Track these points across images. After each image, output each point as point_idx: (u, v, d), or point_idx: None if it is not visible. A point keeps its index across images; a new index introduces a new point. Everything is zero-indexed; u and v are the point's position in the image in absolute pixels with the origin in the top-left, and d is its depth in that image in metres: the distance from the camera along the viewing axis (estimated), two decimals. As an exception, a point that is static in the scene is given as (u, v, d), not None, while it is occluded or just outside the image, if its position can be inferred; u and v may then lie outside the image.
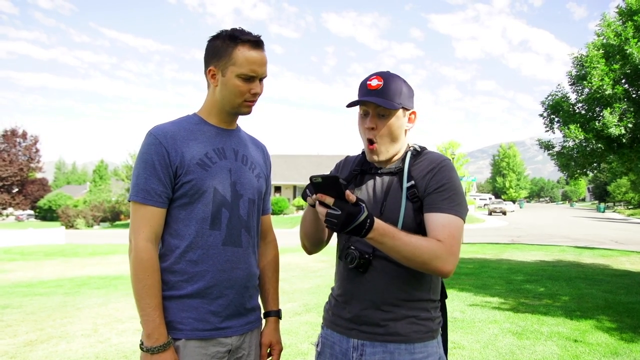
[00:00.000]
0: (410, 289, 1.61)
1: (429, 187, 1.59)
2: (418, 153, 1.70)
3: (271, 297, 1.98)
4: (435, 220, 1.54)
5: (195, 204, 1.67)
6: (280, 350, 1.93)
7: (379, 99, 1.61)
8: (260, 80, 1.73)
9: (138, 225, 1.64)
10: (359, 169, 1.76)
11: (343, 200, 1.37)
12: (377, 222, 1.42)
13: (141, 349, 1.61)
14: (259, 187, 1.85)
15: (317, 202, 1.41)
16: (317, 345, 1.78)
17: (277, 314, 1.97)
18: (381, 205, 1.63)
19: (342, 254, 1.66)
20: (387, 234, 1.44)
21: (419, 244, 1.47)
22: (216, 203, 1.69)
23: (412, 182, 1.61)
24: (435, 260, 1.47)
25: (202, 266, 1.67)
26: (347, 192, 1.38)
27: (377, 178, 1.70)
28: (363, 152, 1.82)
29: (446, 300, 1.76)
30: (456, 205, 1.56)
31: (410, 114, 1.70)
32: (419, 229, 1.58)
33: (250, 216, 1.80)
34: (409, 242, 1.46)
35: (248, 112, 1.78)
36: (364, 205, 1.40)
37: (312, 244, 1.80)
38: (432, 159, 1.66)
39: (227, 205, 1.72)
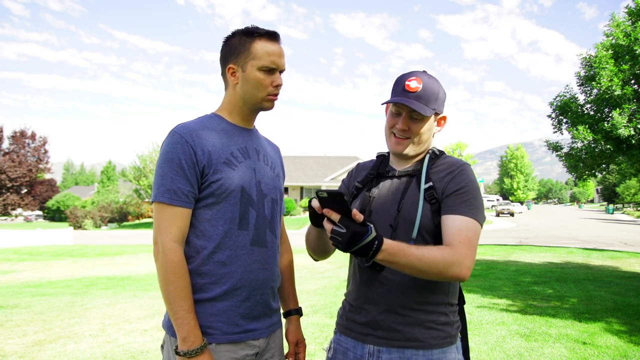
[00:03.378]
0: (428, 292, 1.57)
1: (448, 189, 1.57)
2: (436, 156, 1.68)
3: (291, 296, 1.98)
4: (452, 223, 1.51)
5: (222, 203, 1.64)
6: (305, 347, 1.96)
7: (416, 104, 1.58)
8: (280, 72, 1.73)
9: (165, 226, 1.59)
10: (375, 172, 1.74)
11: (349, 219, 1.34)
12: (387, 242, 1.37)
13: (177, 353, 1.56)
14: (279, 187, 1.85)
15: (325, 217, 1.38)
16: (329, 350, 1.75)
17: (298, 312, 1.98)
18: (399, 204, 1.60)
19: (356, 255, 1.64)
20: (398, 252, 1.39)
21: (432, 255, 1.42)
22: (244, 203, 1.67)
23: (431, 183, 1.59)
24: (451, 267, 1.43)
25: (230, 267, 1.64)
26: (355, 211, 1.33)
27: (395, 179, 1.68)
28: (377, 157, 1.81)
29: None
30: (474, 209, 1.54)
31: (440, 119, 1.71)
32: (437, 230, 1.55)
33: (274, 216, 1.80)
34: (421, 256, 1.41)
35: (271, 107, 1.76)
36: (371, 226, 1.35)
37: (319, 255, 1.81)
38: (451, 162, 1.65)
39: (253, 204, 1.70)
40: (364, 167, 1.84)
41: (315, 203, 1.41)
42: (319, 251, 1.77)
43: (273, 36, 1.71)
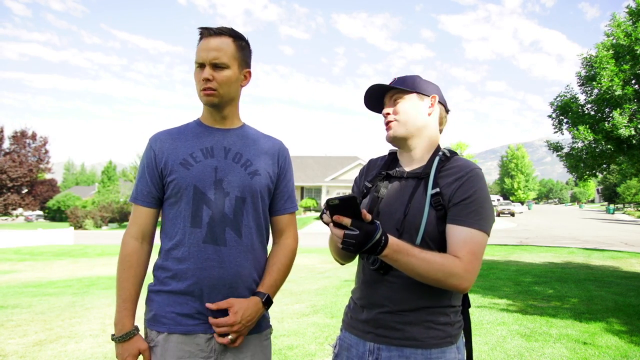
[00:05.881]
0: (430, 295, 1.57)
1: (455, 197, 1.54)
2: (447, 158, 1.65)
3: (264, 283, 1.78)
4: (458, 234, 1.50)
5: (179, 202, 1.74)
6: (240, 317, 1.67)
7: (385, 85, 1.69)
8: (216, 67, 1.72)
9: (129, 223, 1.81)
10: (385, 172, 1.73)
11: (360, 220, 1.35)
12: (391, 239, 1.40)
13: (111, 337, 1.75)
14: (251, 185, 1.77)
15: (332, 224, 1.37)
16: (335, 347, 1.77)
17: (262, 297, 1.75)
18: (405, 208, 1.59)
19: (364, 254, 1.62)
20: (401, 250, 1.41)
21: (434, 261, 1.43)
22: (196, 200, 1.72)
23: (438, 189, 1.56)
24: (450, 278, 1.45)
25: (185, 264, 1.71)
26: (363, 211, 1.35)
27: (403, 181, 1.67)
28: (389, 154, 1.82)
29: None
30: (481, 219, 1.52)
31: (431, 99, 1.71)
32: (442, 236, 1.55)
33: (239, 214, 1.74)
34: (423, 259, 1.43)
35: (208, 102, 1.77)
36: (378, 223, 1.39)
37: (345, 259, 1.79)
38: (460, 166, 1.60)
39: (209, 203, 1.72)
40: (375, 165, 1.83)
41: (327, 218, 1.40)
42: (346, 256, 1.74)
43: (206, 31, 1.75)
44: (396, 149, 1.79)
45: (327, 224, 1.41)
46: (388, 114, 1.70)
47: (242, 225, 1.75)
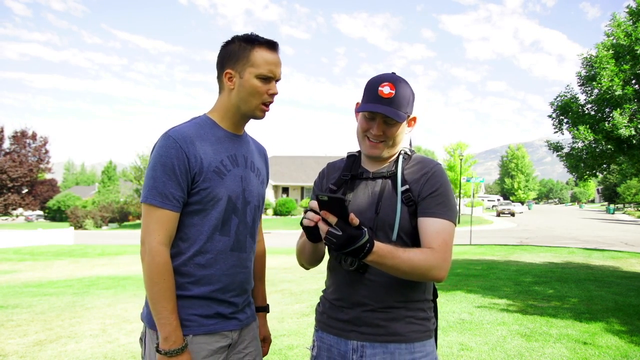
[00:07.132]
0: (408, 291, 1.63)
1: (423, 191, 1.62)
2: (409, 157, 1.73)
3: (260, 294, 2.08)
4: (430, 226, 1.58)
5: (208, 210, 1.70)
6: (270, 342, 2.11)
7: (391, 110, 1.60)
8: (276, 82, 1.78)
9: (154, 228, 1.64)
10: (349, 174, 1.76)
11: (346, 222, 1.38)
12: (377, 245, 1.44)
13: (158, 351, 1.61)
14: (262, 194, 1.91)
15: (321, 219, 1.42)
16: (312, 349, 1.79)
17: (266, 310, 2.09)
18: (376, 207, 1.64)
19: (341, 257, 1.64)
20: (386, 255, 1.46)
21: (416, 258, 1.50)
22: (228, 210, 1.73)
23: (407, 186, 1.64)
24: (432, 270, 1.52)
25: (209, 270, 1.72)
26: (352, 215, 1.38)
27: (370, 181, 1.71)
28: (348, 157, 1.83)
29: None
30: (448, 211, 1.61)
31: (410, 120, 1.73)
32: (414, 231, 1.62)
33: (255, 222, 1.87)
34: (406, 259, 1.48)
35: (262, 116, 1.80)
36: (365, 230, 1.42)
37: (311, 265, 1.83)
38: (424, 163, 1.69)
39: (237, 212, 1.76)
40: (335, 168, 1.85)
41: (313, 204, 1.44)
42: (312, 261, 1.80)
43: (272, 46, 1.76)
44: (355, 151, 1.82)
45: (305, 227, 1.47)
46: (379, 135, 1.65)
47: (255, 232, 1.89)
